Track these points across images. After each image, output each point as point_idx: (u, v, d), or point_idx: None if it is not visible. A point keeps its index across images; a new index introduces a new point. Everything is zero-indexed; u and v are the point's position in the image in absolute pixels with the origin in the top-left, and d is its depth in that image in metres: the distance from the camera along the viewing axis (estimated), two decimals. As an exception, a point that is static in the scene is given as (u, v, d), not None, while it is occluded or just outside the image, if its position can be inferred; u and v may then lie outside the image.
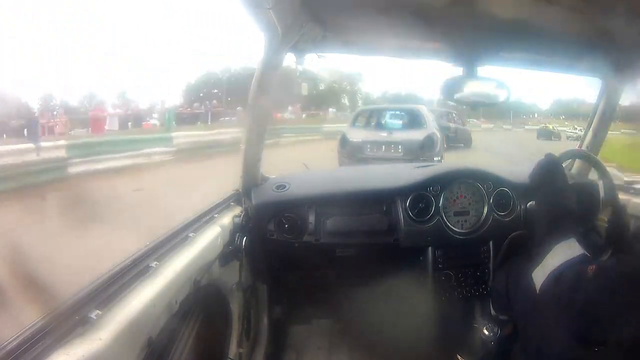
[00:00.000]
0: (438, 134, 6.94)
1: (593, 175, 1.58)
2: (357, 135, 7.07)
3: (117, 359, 0.66)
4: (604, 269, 0.83)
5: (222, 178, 1.76)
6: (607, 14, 0.94)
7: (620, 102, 1.63)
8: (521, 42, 1.26)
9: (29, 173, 6.17)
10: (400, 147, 6.71)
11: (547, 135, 23.67)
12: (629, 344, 0.72)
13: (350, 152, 6.79)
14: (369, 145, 6.79)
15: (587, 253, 0.91)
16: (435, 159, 6.38)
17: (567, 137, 24.39)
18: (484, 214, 1.51)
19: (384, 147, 6.76)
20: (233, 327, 1.36)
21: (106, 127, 13.79)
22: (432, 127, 7.05)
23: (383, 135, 7.01)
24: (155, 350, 0.77)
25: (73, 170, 7.04)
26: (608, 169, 1.37)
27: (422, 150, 6.47)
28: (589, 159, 1.49)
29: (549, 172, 1.17)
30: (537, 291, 0.94)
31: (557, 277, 0.90)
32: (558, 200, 1.05)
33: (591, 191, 1.35)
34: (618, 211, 1.23)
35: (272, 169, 1.68)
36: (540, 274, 0.95)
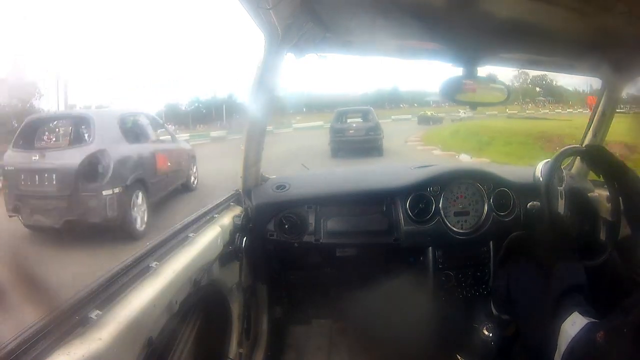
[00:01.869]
0: (111, 154, 4.34)
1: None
2: (14, 160, 4.50)
3: (117, 359, 0.66)
4: (613, 331, 0.81)
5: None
6: (607, 14, 0.94)
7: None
8: (521, 43, 1.25)
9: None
10: (47, 176, 4.20)
11: (426, 121, 27.04)
12: None
13: (9, 188, 4.42)
14: (22, 176, 4.35)
15: (591, 320, 0.90)
16: (104, 192, 4.20)
17: (452, 120, 27.47)
18: (484, 214, 1.51)
19: (36, 177, 4.26)
20: (233, 327, 1.36)
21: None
22: (104, 140, 4.45)
23: (34, 159, 4.35)
24: (155, 350, 0.77)
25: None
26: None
27: (81, 183, 4.20)
28: (586, 154, 1.48)
29: (560, 242, 1.13)
30: None
31: (570, 357, 0.89)
32: (567, 276, 1.04)
33: (586, 196, 1.35)
34: (618, 210, 1.22)
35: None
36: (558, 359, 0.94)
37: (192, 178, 6.73)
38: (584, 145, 1.64)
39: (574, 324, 0.91)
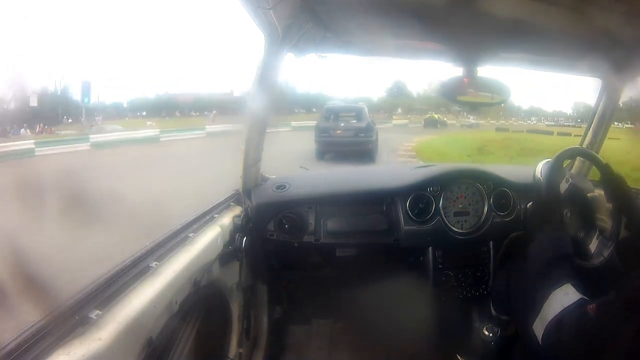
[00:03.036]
0: None
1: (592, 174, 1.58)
2: None
3: (117, 359, 0.66)
4: (605, 304, 0.82)
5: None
6: (607, 14, 0.94)
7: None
8: (521, 42, 1.25)
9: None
10: None
11: (433, 124, 26.87)
12: None
13: None
14: None
15: (584, 297, 0.90)
16: None
17: (461, 125, 27.87)
18: (484, 214, 1.51)
19: None
20: (233, 327, 1.36)
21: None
22: None
23: None
24: (155, 350, 0.77)
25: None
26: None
27: None
28: (590, 156, 1.48)
29: (546, 213, 1.14)
30: (540, 342, 0.92)
31: (558, 325, 0.88)
32: (554, 245, 1.04)
33: (585, 196, 1.35)
34: (619, 210, 1.22)
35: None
36: (539, 326, 0.93)
37: None
38: (588, 147, 1.63)
39: (566, 295, 0.90)
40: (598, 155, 1.40)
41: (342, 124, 10.63)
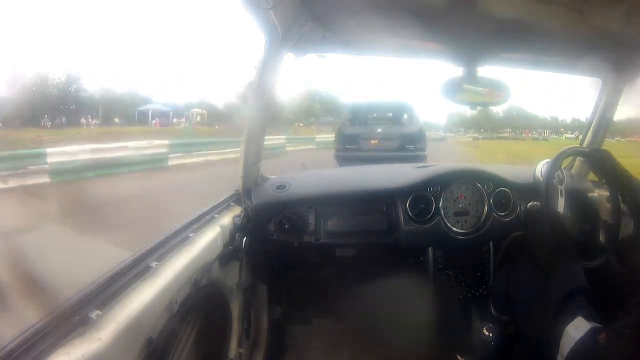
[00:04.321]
0: None
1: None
2: None
3: (117, 359, 0.66)
4: (615, 332, 0.83)
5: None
6: (607, 14, 0.94)
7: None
8: (521, 42, 1.26)
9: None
10: None
11: None
12: None
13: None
14: None
15: (595, 324, 0.91)
16: None
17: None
18: (484, 214, 1.51)
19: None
20: (233, 327, 1.36)
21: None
22: None
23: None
24: (155, 350, 0.77)
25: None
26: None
27: None
28: (589, 156, 1.48)
29: (559, 246, 1.13)
30: None
31: (572, 359, 0.90)
32: (568, 279, 1.04)
33: (586, 196, 1.35)
34: (618, 211, 1.22)
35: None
36: None
37: None
38: (587, 147, 1.64)
39: (577, 328, 0.92)
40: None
41: (380, 130, 7.11)
